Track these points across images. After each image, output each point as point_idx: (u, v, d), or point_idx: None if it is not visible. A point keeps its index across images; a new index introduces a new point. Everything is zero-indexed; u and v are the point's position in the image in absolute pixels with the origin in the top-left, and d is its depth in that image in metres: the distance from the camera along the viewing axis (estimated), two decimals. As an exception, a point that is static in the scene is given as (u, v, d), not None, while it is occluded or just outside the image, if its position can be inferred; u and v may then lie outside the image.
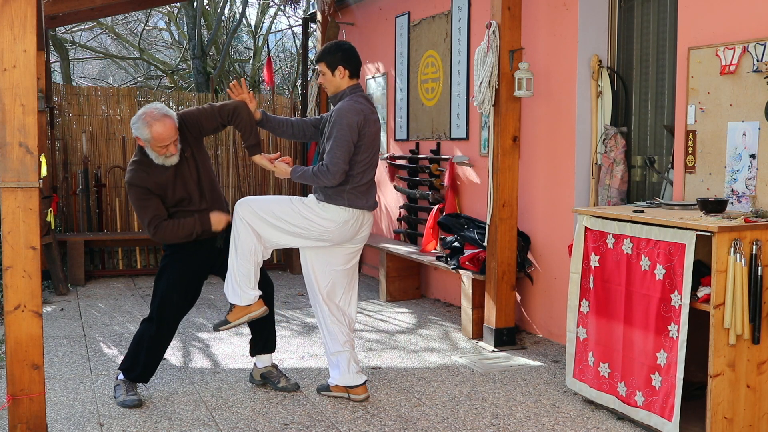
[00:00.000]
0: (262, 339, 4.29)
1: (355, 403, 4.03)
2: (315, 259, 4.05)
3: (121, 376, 4.07)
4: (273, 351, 4.35)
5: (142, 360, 4.01)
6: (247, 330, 5.55)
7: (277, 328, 5.57)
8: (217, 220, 4.03)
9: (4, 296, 3.02)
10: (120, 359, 4.81)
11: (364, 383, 4.07)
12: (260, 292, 3.99)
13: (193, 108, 4.13)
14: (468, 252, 5.45)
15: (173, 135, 3.85)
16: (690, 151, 4.11)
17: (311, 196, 3.97)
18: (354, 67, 3.96)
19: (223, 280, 4.17)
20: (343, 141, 3.77)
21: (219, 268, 4.15)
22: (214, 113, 4.01)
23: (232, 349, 5.07)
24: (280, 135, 4.25)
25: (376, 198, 4.06)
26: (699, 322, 3.41)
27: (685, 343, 3.34)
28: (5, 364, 3.19)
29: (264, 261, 4.00)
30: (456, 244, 5.63)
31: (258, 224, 3.87)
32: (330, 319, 4.05)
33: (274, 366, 4.33)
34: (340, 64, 3.91)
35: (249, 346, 4.35)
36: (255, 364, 4.34)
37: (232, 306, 3.98)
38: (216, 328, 4.01)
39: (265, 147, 8.64)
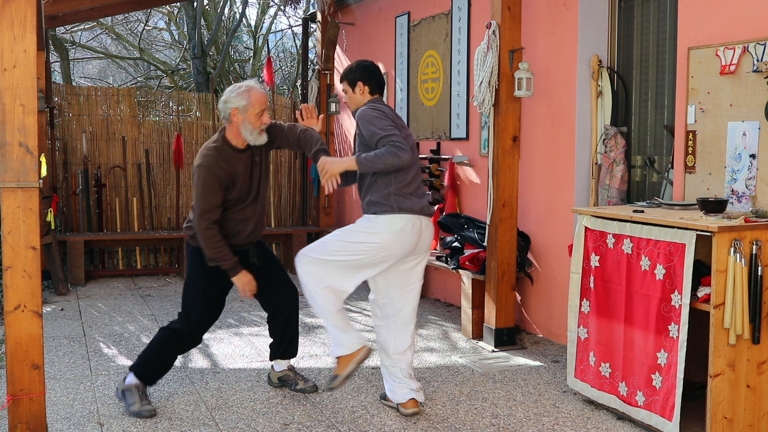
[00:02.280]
0: (285, 344, 4.22)
1: (355, 403, 4.03)
2: (385, 284, 3.87)
3: (130, 379, 3.92)
4: (294, 356, 4.30)
5: (159, 366, 3.94)
6: (247, 330, 5.56)
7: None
8: (241, 279, 3.88)
9: (4, 296, 3.02)
10: (120, 359, 4.82)
11: (413, 398, 3.88)
12: (362, 336, 3.81)
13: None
14: (468, 252, 5.45)
15: (267, 102, 3.88)
16: (690, 151, 4.11)
17: (359, 220, 3.83)
18: (374, 83, 3.90)
19: None
20: (385, 125, 3.65)
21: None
22: (296, 138, 4.00)
23: (232, 349, 5.07)
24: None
25: (430, 203, 3.85)
26: (699, 322, 3.42)
27: (685, 343, 3.34)
28: (5, 364, 3.19)
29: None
30: (456, 244, 5.63)
31: (321, 271, 3.71)
32: (386, 334, 3.90)
33: (291, 368, 4.28)
34: (360, 81, 3.89)
35: (269, 350, 4.28)
36: (272, 367, 4.29)
37: (338, 358, 3.79)
38: (329, 388, 3.81)
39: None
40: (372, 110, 3.75)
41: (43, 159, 3.12)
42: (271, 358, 4.29)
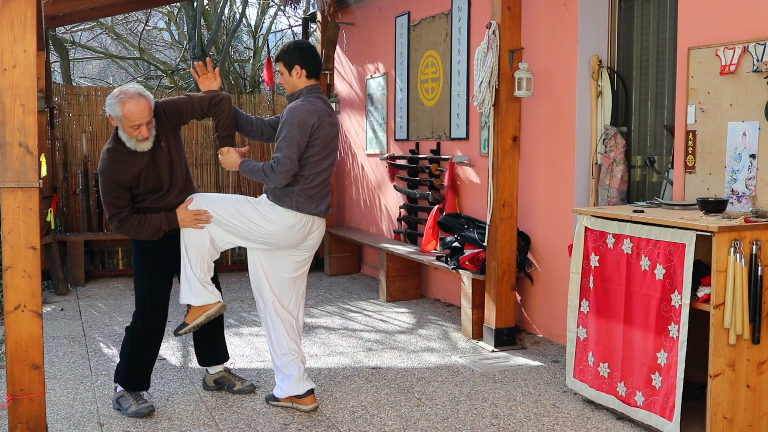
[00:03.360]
0: (215, 351, 4.22)
1: (355, 403, 4.03)
2: (264, 261, 3.91)
3: (119, 390, 3.93)
4: (227, 360, 4.29)
5: (137, 368, 3.90)
6: (247, 330, 5.56)
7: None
8: (183, 217, 3.85)
9: (4, 296, 3.02)
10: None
11: (312, 392, 3.92)
12: (217, 291, 3.91)
13: (172, 97, 3.98)
14: (468, 252, 5.45)
15: (146, 116, 3.69)
16: (690, 151, 4.11)
17: (263, 195, 3.86)
18: (311, 67, 3.82)
19: None
20: (293, 141, 3.64)
21: None
22: (194, 105, 3.89)
23: (232, 349, 5.06)
24: (238, 129, 4.09)
25: (329, 205, 3.90)
26: (699, 322, 3.42)
27: (685, 343, 3.34)
28: (5, 364, 3.19)
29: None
30: (456, 244, 5.63)
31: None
32: (277, 324, 3.90)
33: (227, 370, 4.26)
34: (297, 64, 3.79)
35: (196, 357, 4.25)
36: (207, 370, 4.26)
37: (189, 307, 3.87)
38: (176, 334, 3.87)
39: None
40: (303, 114, 3.69)
41: (43, 159, 3.12)
42: (205, 365, 4.24)
